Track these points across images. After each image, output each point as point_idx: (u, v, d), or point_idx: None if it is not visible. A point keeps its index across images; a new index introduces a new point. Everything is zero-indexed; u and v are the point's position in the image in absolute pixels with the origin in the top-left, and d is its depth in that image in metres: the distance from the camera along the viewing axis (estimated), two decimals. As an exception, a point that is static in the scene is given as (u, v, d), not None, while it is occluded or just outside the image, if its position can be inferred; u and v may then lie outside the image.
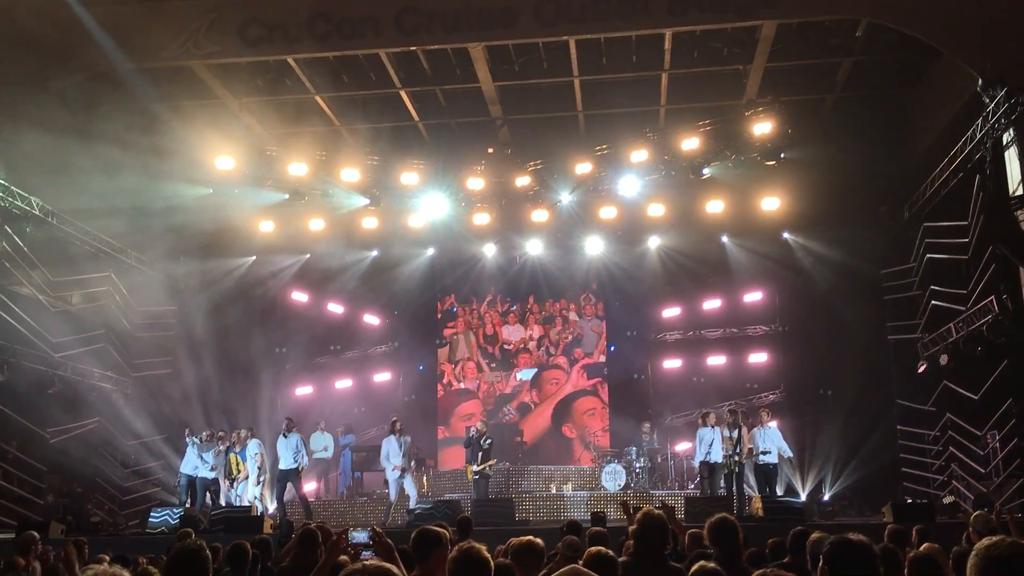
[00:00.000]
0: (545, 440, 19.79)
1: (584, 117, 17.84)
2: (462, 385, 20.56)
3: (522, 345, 20.48)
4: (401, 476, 15.00)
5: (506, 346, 20.53)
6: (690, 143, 16.66)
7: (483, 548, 3.55)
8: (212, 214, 17.60)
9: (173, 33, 14.26)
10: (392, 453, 15.05)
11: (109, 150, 14.67)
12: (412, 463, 15.57)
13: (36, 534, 7.40)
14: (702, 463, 14.74)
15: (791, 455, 14.95)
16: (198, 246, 18.26)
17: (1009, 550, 2.38)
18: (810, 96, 17.37)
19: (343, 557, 4.76)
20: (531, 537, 4.53)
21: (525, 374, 20.31)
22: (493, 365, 20.49)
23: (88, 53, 14.22)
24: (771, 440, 14.39)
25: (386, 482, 15.46)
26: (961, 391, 15.09)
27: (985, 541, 2.45)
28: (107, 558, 7.05)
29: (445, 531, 4.24)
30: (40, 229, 15.88)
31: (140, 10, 14.33)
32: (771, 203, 17.19)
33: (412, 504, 14.87)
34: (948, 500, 14.99)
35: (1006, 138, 13.24)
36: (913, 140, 17.16)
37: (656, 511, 4.90)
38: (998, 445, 14.07)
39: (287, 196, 18.05)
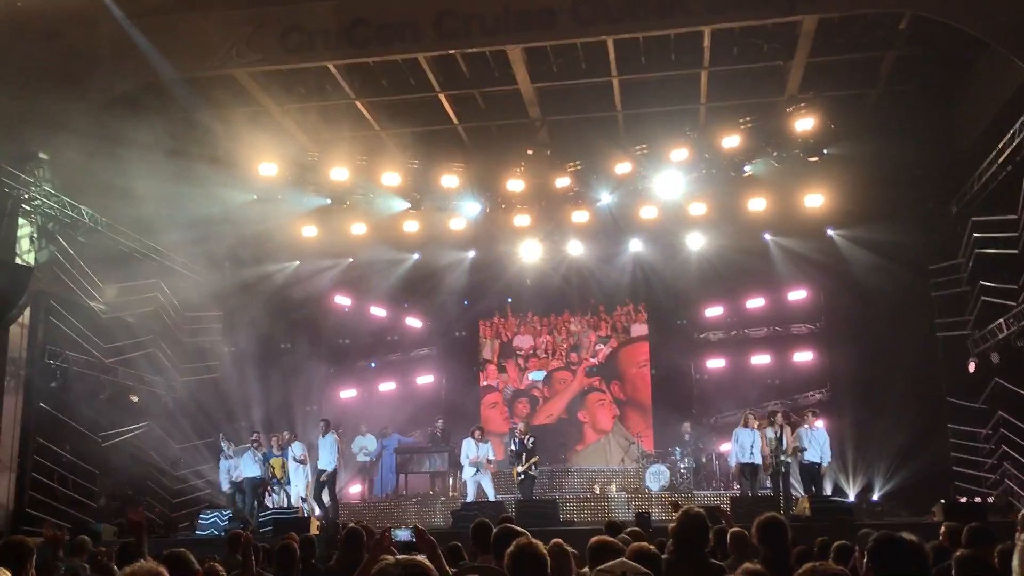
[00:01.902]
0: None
1: (623, 117, 17.76)
2: (485, 383, 20.99)
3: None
4: (477, 475, 15.43)
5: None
6: (731, 141, 16.52)
7: (539, 544, 3.60)
8: (256, 220, 17.84)
9: (217, 42, 14.52)
10: (470, 454, 15.45)
11: (154, 159, 14.93)
12: (492, 464, 15.80)
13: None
14: (742, 464, 14.62)
15: (829, 461, 14.74)
16: (243, 252, 18.52)
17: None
18: (853, 91, 17.10)
19: (386, 556, 4.80)
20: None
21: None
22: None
23: (133, 63, 14.52)
24: (816, 442, 14.24)
25: (433, 481, 15.63)
26: (1013, 388, 14.79)
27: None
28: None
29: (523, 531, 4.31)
30: (90, 237, 16.22)
31: (184, 21, 14.61)
32: (814, 200, 16.98)
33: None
34: (991, 499, 14.68)
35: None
36: (960, 134, 16.85)
37: (696, 510, 4.90)
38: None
39: (329, 201, 18.24)
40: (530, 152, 17.98)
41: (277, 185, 17.64)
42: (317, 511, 15.36)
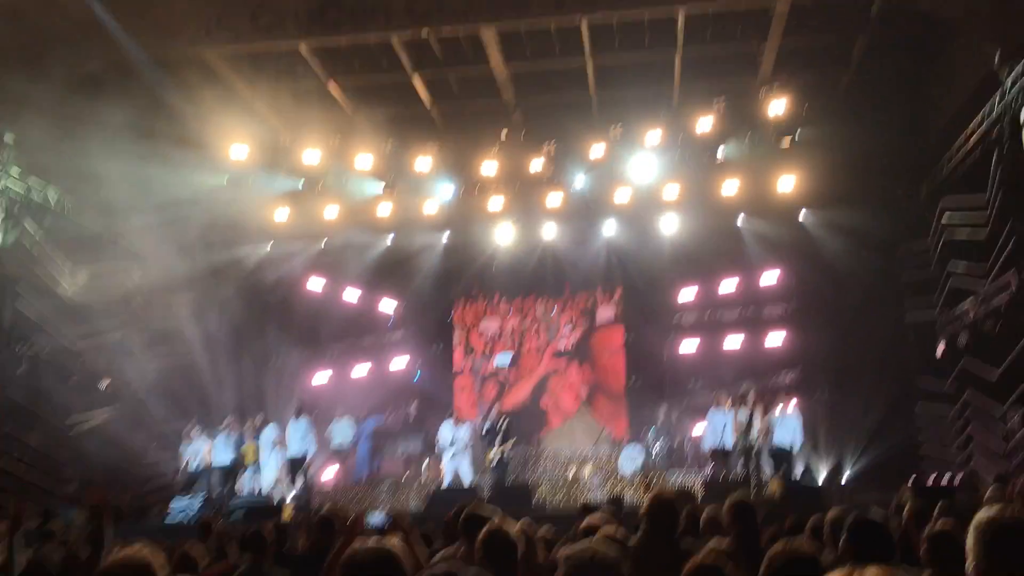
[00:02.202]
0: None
1: (598, 100, 17.73)
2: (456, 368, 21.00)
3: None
4: (455, 459, 15.58)
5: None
6: (704, 123, 16.55)
7: (510, 528, 3.61)
8: (227, 203, 17.66)
9: (186, 21, 14.31)
10: (447, 438, 15.58)
11: (122, 141, 14.72)
12: (468, 448, 15.83)
13: None
14: (713, 449, 14.75)
15: (798, 450, 14.88)
16: (213, 235, 18.33)
17: (1011, 520, 2.37)
18: (826, 74, 17.18)
19: (358, 541, 4.78)
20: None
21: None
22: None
23: (99, 43, 14.28)
24: (787, 426, 14.39)
25: (407, 465, 15.68)
26: (981, 369, 14.98)
27: (984, 512, 2.44)
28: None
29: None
30: (57, 220, 16.00)
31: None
32: (787, 183, 17.06)
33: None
34: (959, 479, 14.89)
35: (1024, 114, 13.09)
36: (931, 117, 16.97)
37: (666, 493, 4.93)
38: (1019, 422, 13.97)
39: (301, 183, 18.10)
40: (504, 135, 17.92)
41: (248, 167, 17.49)
42: (290, 496, 15.30)
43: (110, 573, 2.99)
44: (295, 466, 15.19)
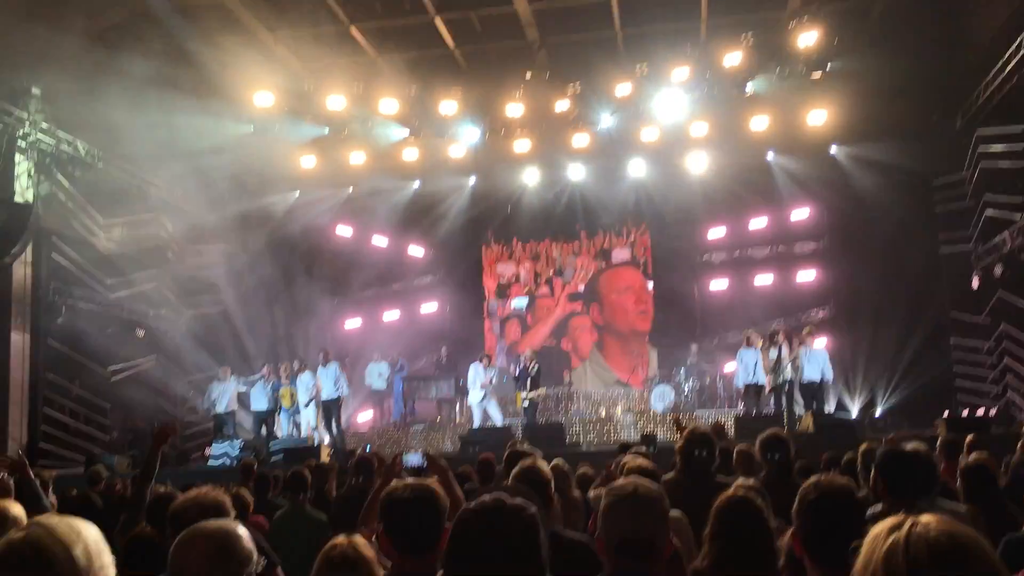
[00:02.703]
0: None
1: (623, 36, 17.41)
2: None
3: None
4: (484, 401, 15.69)
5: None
6: (732, 58, 16.24)
7: (543, 465, 3.73)
8: (254, 151, 17.70)
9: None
10: (478, 379, 15.72)
11: (148, 91, 14.70)
12: (495, 389, 16.06)
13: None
14: (747, 385, 14.76)
15: (831, 379, 14.81)
16: (242, 184, 18.43)
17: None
18: (857, 3, 16.71)
19: (397, 481, 4.86)
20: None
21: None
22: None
23: (122, -7, 14.22)
24: (815, 360, 14.34)
25: (440, 408, 15.81)
26: (1017, 301, 14.81)
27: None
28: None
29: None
30: (87, 172, 16.13)
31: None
32: (818, 116, 16.77)
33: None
34: (994, 412, 14.82)
35: (1064, 37, 12.72)
36: (966, 44, 16.51)
37: (701, 428, 4.98)
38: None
39: (327, 130, 18.06)
40: (528, 75, 17.70)
41: (273, 115, 17.47)
42: (327, 439, 15.58)
43: (184, 511, 3.08)
44: (329, 410, 15.45)
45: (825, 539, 2.46)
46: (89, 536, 1.76)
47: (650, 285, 20.20)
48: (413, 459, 4.44)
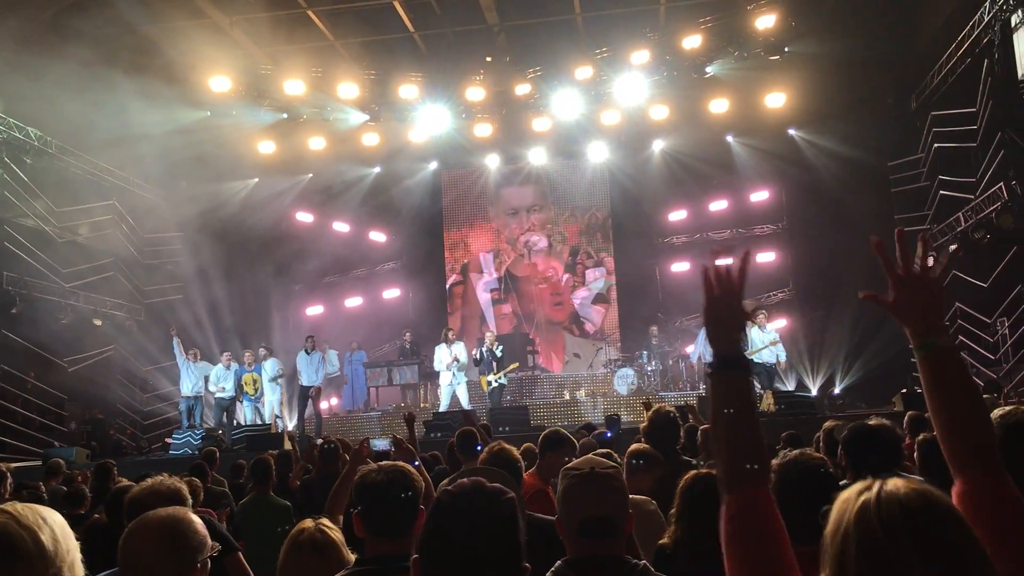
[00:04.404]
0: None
1: (583, 20, 17.40)
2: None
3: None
4: (452, 383, 15.62)
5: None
6: (692, 41, 16.32)
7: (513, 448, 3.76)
8: (211, 137, 17.43)
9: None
10: (443, 359, 15.65)
11: (103, 76, 14.43)
12: (463, 370, 15.94)
13: None
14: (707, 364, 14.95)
15: (783, 360, 15.03)
16: (200, 170, 18.14)
17: (1024, 417, 2.41)
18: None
19: (365, 466, 4.86)
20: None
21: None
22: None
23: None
24: (768, 342, 14.57)
25: (404, 394, 15.76)
26: (970, 280, 15.10)
27: (998, 411, 2.47)
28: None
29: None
30: (40, 159, 15.79)
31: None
32: (776, 99, 16.94)
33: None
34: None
35: (1014, 20, 12.93)
36: (920, 27, 16.75)
37: (666, 408, 5.02)
38: (1007, 332, 14.17)
39: (285, 115, 17.86)
40: (489, 59, 17.64)
41: (230, 100, 17.23)
42: (291, 425, 15.48)
43: (142, 500, 3.04)
44: (304, 396, 15.37)
45: (800, 513, 2.49)
46: (55, 522, 1.74)
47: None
48: (379, 444, 4.43)
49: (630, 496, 3.84)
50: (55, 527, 1.73)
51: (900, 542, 1.22)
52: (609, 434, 8.60)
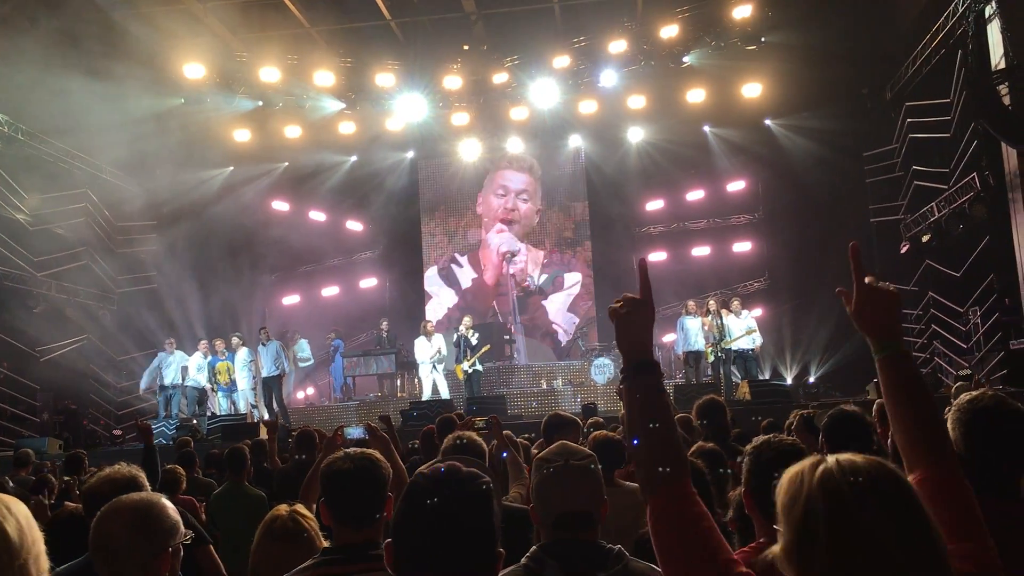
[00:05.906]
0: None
1: (560, 8, 17.35)
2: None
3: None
4: (432, 372, 15.65)
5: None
6: (669, 31, 16.35)
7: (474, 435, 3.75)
8: (186, 124, 17.25)
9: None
10: (422, 351, 15.67)
11: (74, 62, 14.23)
12: (443, 361, 15.91)
13: None
14: (686, 352, 15.02)
15: (758, 348, 15.15)
16: (174, 158, 17.93)
17: (992, 401, 2.43)
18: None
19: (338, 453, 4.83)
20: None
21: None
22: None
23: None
24: (743, 330, 14.67)
25: (381, 383, 16.10)
26: (943, 269, 15.24)
27: (966, 395, 2.50)
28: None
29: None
30: (11, 147, 15.57)
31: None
32: (752, 89, 16.99)
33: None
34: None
35: (988, 11, 13.01)
36: (895, 18, 16.85)
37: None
38: (979, 320, 14.31)
39: (260, 103, 17.70)
40: (466, 48, 17.57)
41: (205, 87, 17.07)
42: (267, 416, 15.39)
43: (98, 490, 3.02)
44: (268, 387, 15.28)
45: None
46: (20, 512, 1.71)
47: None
48: (355, 432, 4.41)
49: (627, 484, 3.86)
50: (20, 518, 1.70)
51: (868, 501, 1.29)
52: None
